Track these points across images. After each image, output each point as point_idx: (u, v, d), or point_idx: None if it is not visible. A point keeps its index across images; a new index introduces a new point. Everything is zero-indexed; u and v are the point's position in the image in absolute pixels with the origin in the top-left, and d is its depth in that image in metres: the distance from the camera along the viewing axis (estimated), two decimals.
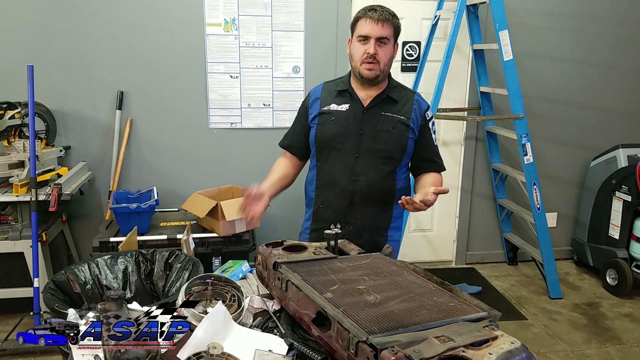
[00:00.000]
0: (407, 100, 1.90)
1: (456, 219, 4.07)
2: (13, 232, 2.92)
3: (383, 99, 1.87)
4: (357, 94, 1.88)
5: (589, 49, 3.89)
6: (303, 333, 1.33)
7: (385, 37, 1.78)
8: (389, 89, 1.89)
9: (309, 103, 1.97)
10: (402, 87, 1.95)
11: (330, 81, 2.00)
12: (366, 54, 1.78)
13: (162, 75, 3.44)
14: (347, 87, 1.90)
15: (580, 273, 3.99)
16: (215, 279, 1.57)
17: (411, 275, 1.44)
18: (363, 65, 1.80)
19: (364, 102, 1.87)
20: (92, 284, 2.09)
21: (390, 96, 1.88)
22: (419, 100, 1.92)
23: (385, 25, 1.77)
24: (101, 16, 3.31)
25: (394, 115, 1.86)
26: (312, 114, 1.94)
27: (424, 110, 1.91)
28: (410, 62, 3.75)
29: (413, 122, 1.88)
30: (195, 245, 2.93)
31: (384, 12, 1.79)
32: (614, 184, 3.64)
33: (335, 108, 1.89)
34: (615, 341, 3.03)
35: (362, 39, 1.79)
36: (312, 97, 1.97)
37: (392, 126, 1.86)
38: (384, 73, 1.84)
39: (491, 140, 3.87)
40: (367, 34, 1.78)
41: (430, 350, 1.00)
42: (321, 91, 1.96)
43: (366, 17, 1.78)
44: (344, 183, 1.88)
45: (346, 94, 1.90)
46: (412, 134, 1.89)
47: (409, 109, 1.88)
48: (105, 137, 3.45)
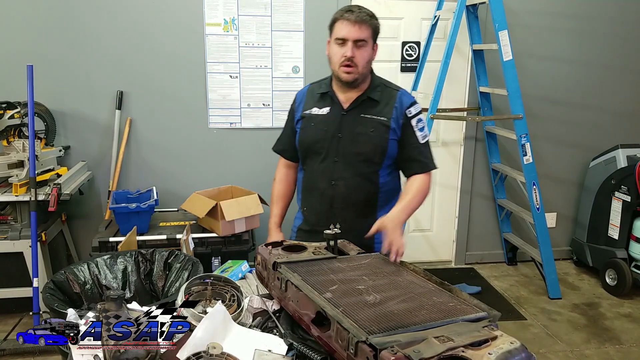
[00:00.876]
0: (389, 100, 1.84)
1: (456, 219, 4.08)
2: (12, 232, 2.92)
3: (363, 101, 1.83)
4: (337, 97, 1.85)
5: (589, 49, 3.90)
6: (302, 333, 1.33)
7: (363, 39, 1.74)
8: (370, 90, 1.84)
9: (295, 106, 1.96)
10: (386, 85, 1.90)
11: (315, 82, 1.96)
12: (343, 57, 1.73)
13: (161, 75, 3.44)
14: (328, 89, 1.87)
15: (579, 273, 3.99)
16: (215, 279, 1.57)
17: (411, 275, 1.44)
18: (341, 69, 1.76)
19: (344, 105, 1.84)
20: (92, 284, 2.09)
21: (371, 97, 1.83)
22: (401, 97, 1.86)
23: (363, 26, 1.73)
24: (101, 16, 3.30)
25: (373, 117, 1.81)
26: (296, 118, 1.93)
27: (405, 107, 1.84)
28: (410, 62, 3.75)
29: (394, 121, 1.82)
30: (194, 245, 2.92)
31: (362, 12, 1.74)
32: (614, 184, 3.64)
33: (315, 112, 1.87)
34: (614, 341, 3.03)
35: (340, 42, 1.74)
36: (298, 101, 1.95)
37: (371, 129, 1.81)
38: (363, 75, 1.80)
39: (491, 141, 3.87)
40: (344, 37, 1.73)
41: (430, 350, 1.00)
42: (305, 94, 1.94)
43: (343, 19, 1.73)
44: (323, 187, 1.86)
45: (327, 97, 1.87)
46: (393, 134, 1.82)
47: (390, 109, 1.83)
48: (104, 137, 3.45)
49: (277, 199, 2.05)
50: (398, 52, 3.72)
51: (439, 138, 3.92)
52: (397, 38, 3.71)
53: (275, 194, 2.06)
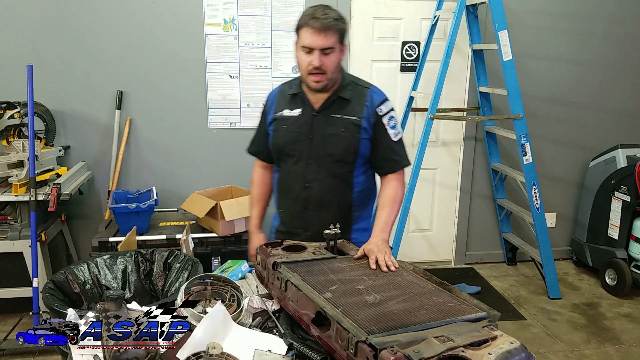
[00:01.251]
0: (360, 98, 1.80)
1: (455, 219, 4.08)
2: (12, 231, 2.91)
3: (334, 101, 1.78)
4: (308, 98, 1.80)
5: (589, 49, 3.90)
6: (302, 333, 1.33)
7: (330, 46, 1.66)
8: (341, 89, 1.79)
9: (267, 108, 1.91)
10: (357, 82, 1.84)
11: (286, 82, 1.92)
12: (311, 65, 1.67)
13: (161, 75, 3.44)
14: (298, 90, 1.82)
15: (579, 273, 3.99)
16: (215, 279, 1.57)
17: (410, 275, 1.44)
18: (310, 77, 1.71)
19: (315, 106, 1.80)
20: (92, 284, 2.09)
21: (342, 96, 1.78)
22: (372, 95, 1.81)
23: (329, 34, 1.64)
24: (100, 16, 3.30)
25: (344, 117, 1.77)
26: (268, 120, 1.89)
27: (376, 105, 1.79)
28: (410, 62, 3.75)
29: (365, 120, 1.78)
30: (194, 245, 2.93)
31: (327, 18, 1.64)
32: (613, 184, 3.64)
33: (287, 114, 1.83)
34: (614, 341, 3.03)
35: (306, 49, 1.68)
36: (269, 102, 1.91)
37: (342, 129, 1.77)
38: (333, 80, 1.75)
39: (490, 141, 3.87)
40: (309, 46, 1.66)
41: (430, 350, 1.00)
42: (277, 95, 1.89)
43: (307, 27, 1.65)
44: (297, 190, 1.84)
45: (298, 98, 1.82)
46: (365, 134, 1.79)
47: (361, 108, 1.78)
48: (104, 137, 3.45)
49: (255, 201, 2.04)
50: (398, 52, 3.72)
51: (438, 138, 3.92)
52: (397, 38, 3.71)
53: (254, 196, 2.04)
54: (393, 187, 1.83)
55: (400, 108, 3.79)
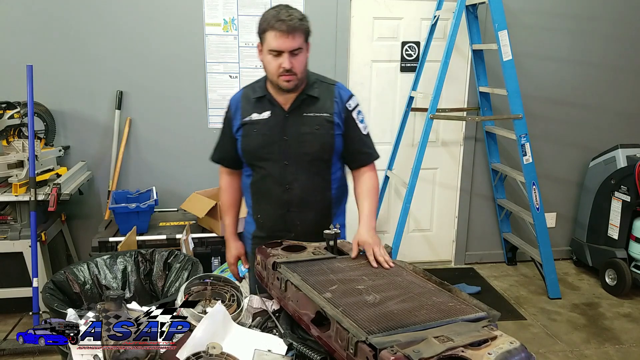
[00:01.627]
0: (328, 95, 1.80)
1: (455, 219, 4.08)
2: (12, 232, 2.92)
3: (303, 100, 1.78)
4: (276, 100, 1.79)
5: (589, 49, 3.90)
6: (302, 333, 1.33)
7: (298, 47, 1.66)
8: (308, 87, 1.79)
9: (231, 114, 1.87)
10: (322, 79, 1.85)
11: (247, 86, 1.90)
12: (281, 68, 1.67)
13: (161, 75, 3.44)
14: (264, 93, 1.80)
15: (579, 273, 3.99)
16: (215, 279, 1.57)
17: (410, 275, 1.44)
18: (281, 79, 1.69)
19: (284, 107, 1.78)
20: (92, 284, 2.09)
21: (311, 94, 1.78)
22: (340, 91, 1.83)
23: (296, 35, 1.64)
24: (100, 16, 3.30)
25: (316, 115, 1.77)
26: (235, 125, 1.84)
27: (345, 100, 1.81)
28: (410, 62, 3.74)
29: (337, 116, 1.79)
30: (194, 245, 2.93)
31: (292, 19, 1.64)
32: (613, 184, 3.64)
33: (256, 117, 1.79)
34: (614, 341, 3.03)
35: (275, 53, 1.66)
36: (233, 107, 1.87)
37: (316, 126, 1.77)
38: (302, 80, 1.75)
39: (490, 141, 3.87)
40: (278, 49, 1.65)
41: (430, 350, 1.00)
42: (240, 100, 1.86)
43: (273, 30, 1.63)
44: (277, 192, 1.81)
45: (265, 100, 1.80)
46: (338, 129, 1.80)
47: (331, 104, 1.79)
48: (104, 137, 3.45)
49: (227, 208, 2.01)
50: (398, 52, 3.72)
51: (438, 138, 3.92)
52: (397, 38, 3.71)
53: (225, 204, 2.01)
54: (370, 178, 1.87)
55: (400, 108, 3.79)
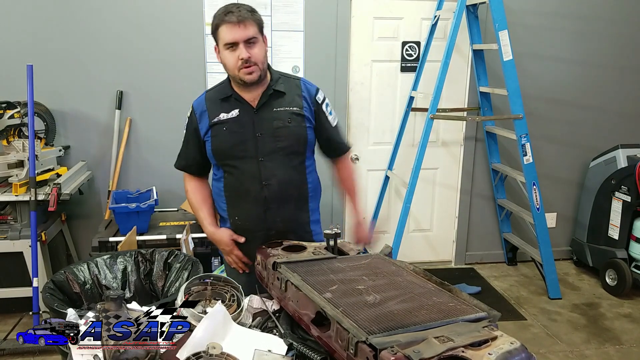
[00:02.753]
0: (294, 90, 1.82)
1: (455, 219, 4.07)
2: (12, 231, 2.92)
3: (271, 95, 1.78)
4: (242, 97, 1.79)
5: (589, 49, 3.90)
6: (302, 333, 1.33)
7: (252, 36, 1.67)
8: (274, 82, 1.79)
9: (196, 118, 1.84)
10: (286, 75, 1.86)
11: (210, 90, 1.89)
12: (240, 60, 1.67)
13: (161, 75, 3.44)
14: (230, 92, 1.80)
15: (579, 273, 3.99)
16: (215, 278, 1.57)
17: (410, 276, 1.44)
18: (242, 72, 1.69)
19: (252, 104, 1.78)
20: (92, 284, 2.09)
21: (277, 89, 1.79)
22: (306, 85, 1.85)
23: (248, 24, 1.65)
24: (101, 16, 3.30)
25: (286, 109, 1.78)
26: (203, 129, 1.82)
27: (313, 95, 1.84)
28: (410, 62, 3.74)
29: (307, 110, 1.81)
30: (194, 245, 2.92)
31: (242, 10, 1.66)
32: (614, 184, 3.64)
33: (225, 117, 1.78)
34: (614, 341, 3.03)
35: (230, 46, 1.67)
36: (198, 111, 1.84)
37: (288, 120, 1.78)
38: (264, 71, 1.76)
39: (491, 141, 3.87)
40: (232, 40, 1.66)
41: (430, 351, 1.00)
42: (205, 103, 1.85)
43: (224, 23, 1.65)
44: (255, 190, 1.79)
45: (231, 99, 1.80)
46: (308, 122, 1.82)
47: (299, 99, 1.81)
48: (104, 136, 3.45)
49: (200, 204, 1.93)
50: (398, 52, 3.72)
51: (439, 138, 3.92)
52: (397, 38, 3.71)
53: (197, 201, 1.93)
54: (349, 169, 2.01)
55: (400, 108, 3.79)
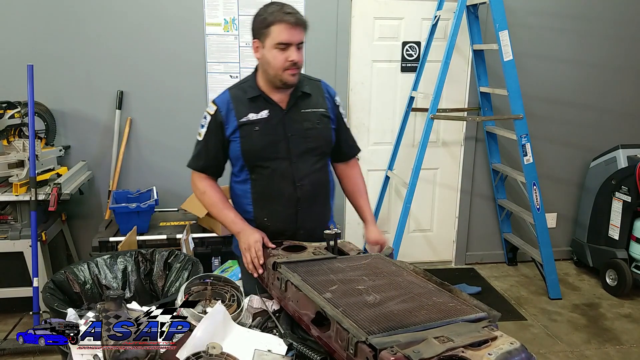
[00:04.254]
0: (317, 91, 1.85)
1: (456, 219, 4.07)
2: (12, 231, 2.92)
3: (298, 96, 1.79)
4: (271, 98, 1.77)
5: (589, 49, 3.89)
6: (302, 333, 1.33)
7: (303, 40, 1.69)
8: (300, 84, 1.79)
9: (222, 116, 1.78)
10: (307, 77, 1.86)
11: (233, 87, 1.83)
12: (288, 61, 1.66)
13: (162, 75, 3.44)
14: (258, 92, 1.77)
15: (579, 274, 3.99)
16: (215, 278, 1.57)
17: (411, 276, 1.44)
18: (287, 72, 1.68)
19: (282, 105, 1.77)
20: (92, 284, 2.09)
21: (304, 91, 1.80)
22: (327, 88, 1.88)
23: (301, 28, 1.68)
24: (101, 16, 3.30)
25: (314, 111, 1.81)
26: (229, 128, 1.77)
27: (334, 96, 1.88)
28: (410, 62, 3.74)
29: (331, 111, 1.85)
30: (194, 245, 2.93)
31: (297, 13, 1.68)
32: (614, 184, 3.64)
33: (255, 117, 1.75)
34: (614, 342, 3.03)
35: (282, 46, 1.65)
36: (224, 109, 1.78)
37: (317, 121, 1.80)
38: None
39: (491, 141, 3.87)
40: (288, 41, 1.65)
41: (430, 351, 1.00)
42: (230, 101, 1.78)
43: (283, 22, 1.64)
44: (288, 191, 1.78)
45: (259, 99, 1.76)
46: (333, 124, 1.86)
47: (323, 100, 1.84)
48: (104, 136, 3.45)
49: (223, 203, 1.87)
50: (398, 52, 3.72)
51: (439, 138, 3.92)
52: (398, 38, 3.71)
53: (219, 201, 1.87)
54: (358, 172, 2.01)
55: (400, 108, 3.79)
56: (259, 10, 1.72)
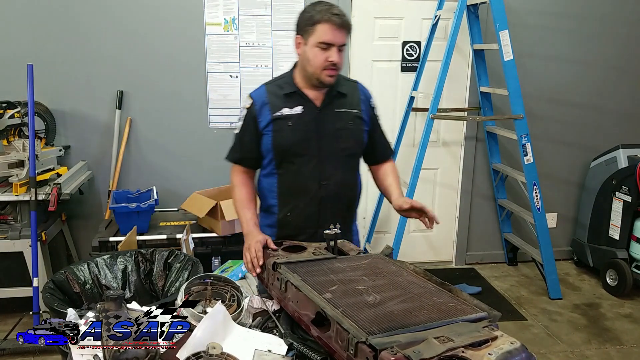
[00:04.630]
0: (353, 92, 1.85)
1: (456, 219, 4.07)
2: (12, 231, 2.91)
3: (334, 96, 1.80)
4: (307, 95, 1.79)
5: (589, 49, 3.89)
6: (302, 333, 1.33)
7: (345, 43, 1.71)
8: (336, 84, 1.80)
9: (256, 110, 1.80)
10: (344, 77, 1.87)
11: (270, 83, 1.86)
12: (328, 61, 1.68)
13: (162, 74, 3.44)
14: (294, 88, 1.79)
15: (580, 274, 3.99)
16: (215, 278, 1.57)
17: (411, 276, 1.44)
18: (325, 72, 1.70)
19: (316, 103, 1.79)
20: (92, 284, 2.09)
21: (340, 91, 1.81)
22: (363, 89, 1.89)
23: (345, 31, 1.69)
24: (101, 16, 3.30)
25: (348, 111, 1.81)
26: (263, 121, 1.79)
27: (369, 98, 1.89)
28: (410, 62, 3.74)
29: (365, 113, 1.85)
30: (194, 245, 2.93)
31: (344, 15, 1.69)
32: (614, 184, 3.64)
33: (288, 112, 1.77)
34: (615, 342, 3.03)
35: (324, 46, 1.67)
36: (258, 103, 1.80)
37: (349, 122, 1.81)
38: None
39: (491, 141, 3.87)
40: (331, 42, 1.67)
41: (430, 351, 1.00)
42: (266, 95, 1.80)
43: (328, 22, 1.66)
44: (313, 189, 1.79)
45: (295, 96, 1.78)
46: (366, 126, 1.85)
47: (358, 101, 1.84)
48: (104, 136, 3.45)
49: (246, 202, 1.87)
50: (398, 52, 3.72)
51: (439, 138, 3.92)
52: (398, 38, 3.70)
53: (244, 198, 1.88)
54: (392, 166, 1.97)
55: (400, 108, 3.79)
56: (307, 7, 1.74)
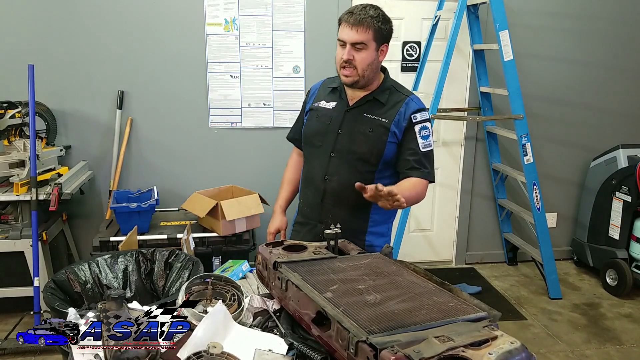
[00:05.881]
0: (395, 104, 1.82)
1: (456, 219, 4.07)
2: (13, 231, 2.92)
3: (369, 101, 1.83)
4: (345, 93, 1.87)
5: (589, 49, 3.89)
6: (303, 333, 1.33)
7: (361, 42, 1.70)
8: (378, 91, 1.82)
9: (307, 98, 2.00)
10: (397, 89, 1.86)
11: (329, 77, 1.99)
12: (342, 59, 1.75)
13: (162, 74, 3.44)
14: (338, 84, 1.89)
15: (580, 273, 3.99)
16: (215, 278, 1.57)
17: (411, 275, 1.44)
18: (342, 71, 1.78)
19: (350, 102, 1.86)
20: (92, 284, 2.09)
21: (377, 98, 1.82)
22: (409, 102, 1.82)
23: (361, 29, 1.69)
24: (101, 16, 3.31)
25: (375, 118, 1.81)
26: (307, 109, 1.97)
27: (411, 112, 1.80)
28: (411, 62, 3.75)
29: (395, 125, 1.79)
30: (195, 245, 2.93)
31: (362, 14, 1.69)
32: (614, 184, 3.64)
33: (323, 105, 1.91)
34: (615, 341, 3.03)
35: (341, 43, 1.75)
36: (311, 93, 1.99)
37: (370, 129, 1.80)
38: (365, 79, 1.77)
39: (491, 141, 3.87)
40: (342, 39, 1.73)
41: (430, 350, 1.00)
42: (319, 87, 1.98)
43: (343, 21, 1.73)
44: (318, 181, 1.89)
45: (337, 91, 1.90)
46: (392, 137, 1.80)
47: (393, 113, 1.80)
48: (105, 136, 3.45)
49: (286, 182, 2.09)
50: (399, 52, 3.72)
51: (439, 138, 3.92)
52: (398, 38, 3.71)
53: (285, 178, 2.10)
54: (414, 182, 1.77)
55: None
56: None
